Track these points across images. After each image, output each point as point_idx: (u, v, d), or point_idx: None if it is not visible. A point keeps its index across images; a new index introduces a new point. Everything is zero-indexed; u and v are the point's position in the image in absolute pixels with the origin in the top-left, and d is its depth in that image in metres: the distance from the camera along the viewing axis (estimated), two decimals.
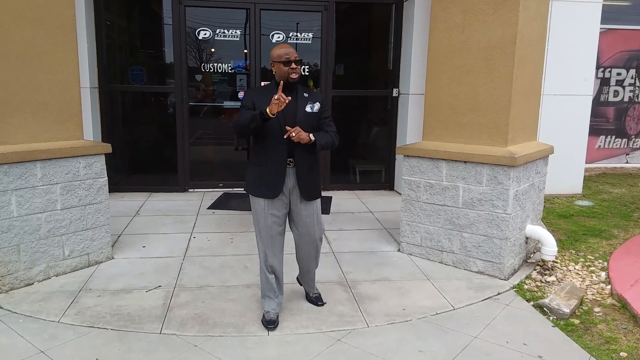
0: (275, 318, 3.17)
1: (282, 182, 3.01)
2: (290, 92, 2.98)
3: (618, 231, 5.14)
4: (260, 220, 3.08)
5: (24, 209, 3.56)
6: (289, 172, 3.02)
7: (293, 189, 3.06)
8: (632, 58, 7.97)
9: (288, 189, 3.05)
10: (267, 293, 3.22)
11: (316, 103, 3.07)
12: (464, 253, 4.06)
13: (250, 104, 2.99)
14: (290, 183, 3.04)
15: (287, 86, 2.98)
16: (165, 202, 5.97)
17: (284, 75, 2.98)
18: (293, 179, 3.04)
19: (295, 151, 3.00)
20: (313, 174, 3.12)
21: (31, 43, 3.53)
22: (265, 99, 2.91)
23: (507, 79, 3.80)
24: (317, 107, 3.07)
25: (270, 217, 3.06)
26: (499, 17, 3.79)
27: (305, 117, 3.01)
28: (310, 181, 3.09)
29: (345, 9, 6.60)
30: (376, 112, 7.05)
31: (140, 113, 6.71)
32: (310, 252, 3.26)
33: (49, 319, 3.17)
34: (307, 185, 3.08)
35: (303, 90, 3.11)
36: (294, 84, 3.03)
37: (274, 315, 3.18)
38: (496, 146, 3.89)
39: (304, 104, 3.04)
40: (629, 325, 3.26)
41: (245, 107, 3.00)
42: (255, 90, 3.13)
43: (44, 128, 3.67)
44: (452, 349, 2.95)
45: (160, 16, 6.38)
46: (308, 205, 3.12)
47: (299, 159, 3.02)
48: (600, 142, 8.14)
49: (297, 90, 3.06)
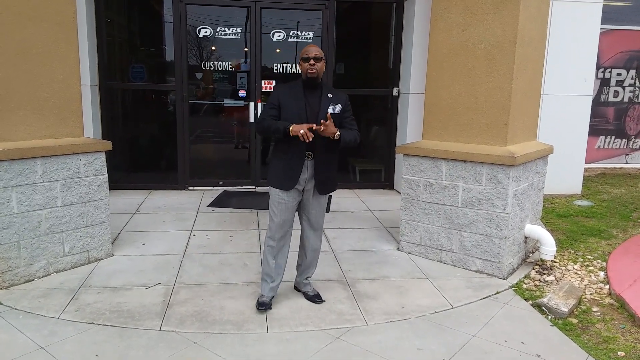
0: (267, 301, 3.33)
1: (299, 174, 3.16)
2: (315, 91, 3.18)
3: (617, 231, 5.16)
4: (275, 208, 3.24)
5: (25, 205, 3.57)
6: (307, 164, 3.17)
7: (309, 180, 3.21)
8: (632, 58, 7.97)
9: (304, 179, 3.19)
10: (264, 277, 3.38)
11: (338, 105, 3.21)
12: (463, 252, 4.07)
13: (277, 102, 3.15)
14: (306, 175, 3.19)
15: (314, 85, 3.17)
16: (165, 199, 5.98)
17: (304, 71, 3.14)
18: (310, 172, 3.19)
19: (315, 146, 3.13)
20: (330, 170, 3.27)
21: (32, 40, 3.54)
22: (290, 99, 3.14)
23: (507, 79, 3.81)
24: (338, 109, 3.20)
25: (284, 205, 3.22)
26: (499, 17, 3.79)
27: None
28: (327, 176, 3.24)
29: (345, 8, 6.60)
30: (376, 111, 7.06)
31: (140, 111, 6.71)
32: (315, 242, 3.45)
33: (49, 315, 3.18)
34: (323, 180, 3.23)
35: (328, 90, 3.25)
36: (319, 83, 3.19)
37: (267, 298, 3.35)
38: (496, 146, 3.90)
39: (327, 105, 3.17)
40: (627, 325, 3.27)
41: (270, 105, 3.17)
42: (282, 88, 3.28)
43: (44, 125, 3.68)
44: (451, 347, 2.96)
45: (160, 14, 6.38)
46: (318, 199, 3.30)
47: (319, 154, 3.17)
48: (599, 142, 8.15)
49: (322, 90, 3.21)
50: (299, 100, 3.14)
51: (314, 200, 3.28)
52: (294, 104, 3.13)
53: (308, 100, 3.15)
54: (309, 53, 3.11)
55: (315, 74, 3.11)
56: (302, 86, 3.18)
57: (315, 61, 3.10)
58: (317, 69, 3.11)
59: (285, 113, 3.12)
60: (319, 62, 3.12)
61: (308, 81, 3.15)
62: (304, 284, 3.56)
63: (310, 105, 3.12)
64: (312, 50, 3.13)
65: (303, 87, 3.18)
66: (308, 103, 3.14)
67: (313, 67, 3.10)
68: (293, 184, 3.17)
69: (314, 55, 3.10)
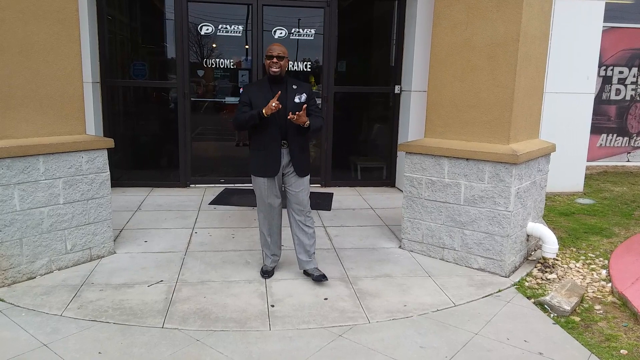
0: (270, 270, 3.81)
1: (279, 161, 3.51)
2: (280, 85, 3.49)
3: (619, 229, 5.15)
4: (262, 195, 3.61)
5: (27, 203, 3.57)
6: (283, 152, 3.52)
7: (287, 166, 3.56)
8: (634, 56, 7.95)
9: (282, 166, 3.54)
10: (263, 248, 3.83)
11: (303, 94, 3.53)
12: (465, 250, 4.06)
13: (247, 100, 3.48)
14: (284, 161, 3.54)
15: (278, 79, 3.48)
16: (166, 197, 5.98)
17: (267, 67, 3.46)
18: (287, 158, 3.54)
19: (288, 134, 3.48)
20: (304, 153, 3.62)
21: (34, 38, 3.53)
22: (259, 94, 3.46)
23: (510, 77, 3.80)
24: (304, 97, 3.53)
25: (268, 191, 3.58)
26: (502, 15, 3.78)
27: (294, 107, 3.44)
28: (302, 159, 3.59)
29: (347, 5, 6.59)
30: (378, 109, 7.05)
31: (142, 108, 6.71)
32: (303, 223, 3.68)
33: (51, 312, 3.18)
34: (300, 163, 3.57)
35: (292, 82, 3.58)
36: (283, 77, 3.50)
37: (269, 267, 3.82)
38: (498, 144, 3.89)
39: (293, 95, 3.50)
40: (629, 323, 3.27)
41: (242, 104, 3.49)
42: (250, 87, 3.68)
43: (46, 122, 3.68)
44: (453, 345, 2.96)
45: (162, 11, 6.37)
46: (299, 180, 3.60)
47: (292, 141, 3.51)
48: (601, 140, 8.14)
49: (286, 83, 3.53)
50: (267, 94, 3.43)
51: (294, 181, 3.59)
52: (262, 98, 3.42)
53: (274, 93, 3.40)
54: (273, 52, 3.42)
55: (279, 72, 3.44)
56: (268, 81, 3.51)
57: (278, 59, 3.41)
58: (281, 66, 3.43)
59: (257, 107, 3.41)
60: (282, 60, 3.43)
61: (272, 77, 3.47)
62: (307, 262, 3.73)
63: (279, 97, 3.40)
64: (276, 49, 3.43)
65: (269, 82, 3.50)
66: (275, 95, 3.39)
67: (277, 65, 3.41)
68: (275, 171, 3.52)
69: (277, 54, 3.41)
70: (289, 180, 3.60)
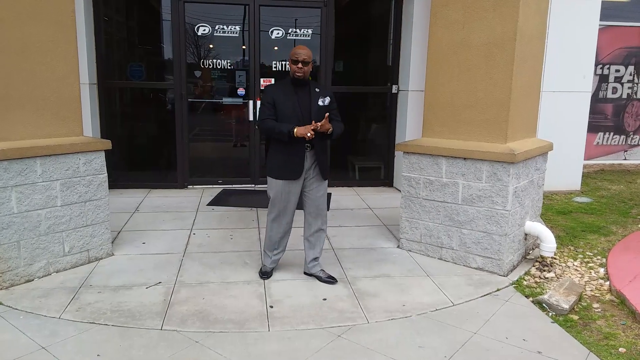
0: (269, 270, 3.79)
1: (302, 164, 3.49)
2: (303, 88, 3.50)
3: (616, 228, 5.16)
4: (278, 198, 3.56)
5: (24, 205, 3.56)
6: (307, 155, 3.51)
7: (309, 169, 3.55)
8: (630, 55, 7.98)
9: (305, 169, 3.52)
10: (266, 250, 3.77)
11: (326, 97, 3.55)
12: (464, 249, 4.07)
13: (271, 100, 3.45)
14: (307, 164, 3.52)
15: (301, 83, 3.48)
16: (164, 198, 5.97)
17: (292, 72, 3.45)
18: (311, 160, 3.54)
19: (313, 139, 3.42)
20: (326, 156, 3.66)
21: (31, 39, 3.52)
22: (283, 97, 3.44)
23: (507, 76, 3.81)
24: (327, 101, 3.55)
25: (287, 194, 3.54)
26: (499, 14, 3.79)
27: (318, 110, 3.48)
28: (325, 162, 3.62)
29: (344, 5, 6.59)
30: (375, 109, 7.05)
31: (139, 109, 6.70)
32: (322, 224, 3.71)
33: (49, 315, 3.17)
34: (324, 165, 3.59)
35: (315, 85, 3.58)
36: (306, 81, 3.50)
37: (268, 268, 3.79)
38: (496, 143, 3.90)
39: (317, 98, 3.51)
40: (627, 321, 3.28)
41: (266, 105, 3.46)
42: (273, 87, 3.58)
43: (43, 124, 3.67)
44: (452, 344, 2.96)
45: (159, 12, 6.36)
46: (321, 185, 3.61)
47: (316, 143, 3.50)
48: (598, 138, 8.16)
49: (309, 86, 3.53)
50: (291, 96, 3.45)
51: (316, 185, 3.58)
52: (287, 100, 3.44)
53: (298, 96, 3.46)
54: (299, 57, 3.39)
55: (302, 76, 3.44)
56: (291, 84, 3.49)
57: (303, 65, 3.40)
58: (305, 72, 3.43)
59: (280, 109, 3.43)
60: (307, 66, 3.42)
61: (295, 81, 3.46)
62: (313, 265, 3.75)
63: (301, 100, 3.46)
64: (302, 54, 3.40)
65: (293, 85, 3.49)
66: (299, 98, 3.46)
67: (301, 70, 3.41)
68: (299, 174, 3.49)
69: (303, 59, 3.39)
70: (310, 184, 3.58)
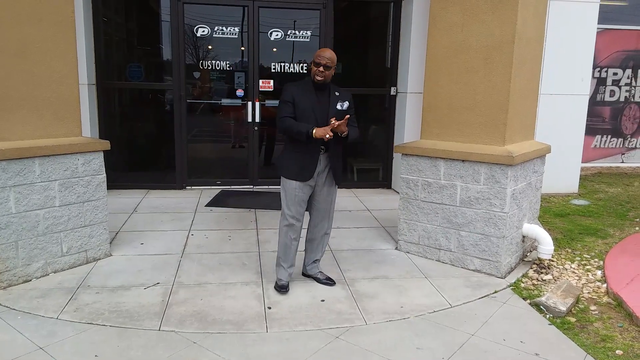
0: (286, 284, 3.60)
1: (315, 166, 3.42)
2: (323, 91, 3.45)
3: (614, 230, 5.18)
4: (290, 197, 3.47)
5: (22, 205, 3.56)
6: (321, 157, 3.44)
7: (322, 172, 3.48)
8: (628, 58, 8.00)
9: (317, 172, 3.45)
10: (281, 262, 3.60)
11: (345, 102, 3.50)
12: (462, 251, 4.08)
13: (291, 99, 3.40)
14: (320, 167, 3.45)
15: (321, 85, 3.42)
16: (162, 199, 5.97)
17: (313, 74, 3.40)
18: (324, 163, 3.47)
19: (329, 141, 3.36)
20: (340, 161, 3.58)
21: (30, 39, 3.52)
22: (304, 98, 3.39)
23: (505, 78, 3.82)
24: (346, 105, 3.49)
25: (299, 196, 3.46)
26: (497, 17, 3.80)
27: (336, 113, 3.40)
28: (338, 166, 3.54)
29: (343, 7, 6.60)
30: (374, 111, 7.06)
31: (138, 110, 6.69)
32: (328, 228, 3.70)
33: (47, 315, 3.17)
34: (337, 169, 3.53)
35: (334, 89, 3.52)
36: (327, 84, 3.44)
37: (285, 282, 3.61)
38: (494, 145, 3.91)
39: (335, 102, 3.46)
40: (624, 324, 3.29)
41: (285, 102, 3.41)
42: (294, 86, 3.48)
43: (42, 124, 3.66)
44: (450, 346, 2.96)
45: (158, 13, 6.37)
46: (331, 190, 3.57)
47: (331, 147, 3.44)
48: (596, 141, 8.18)
49: (329, 89, 3.48)
50: (311, 97, 3.40)
51: (327, 190, 3.54)
52: (306, 100, 3.39)
53: (318, 98, 3.42)
54: (321, 60, 3.34)
55: (323, 80, 3.38)
56: (312, 86, 3.43)
57: (325, 69, 3.35)
58: (326, 76, 3.37)
59: (299, 109, 3.38)
60: (328, 70, 3.36)
61: (316, 84, 3.41)
62: (312, 267, 3.74)
63: (321, 102, 3.41)
64: (325, 57, 3.34)
65: (314, 87, 3.43)
66: (318, 100, 3.41)
67: (322, 74, 3.35)
68: (310, 175, 3.41)
69: (325, 63, 3.34)
70: (320, 190, 3.51)
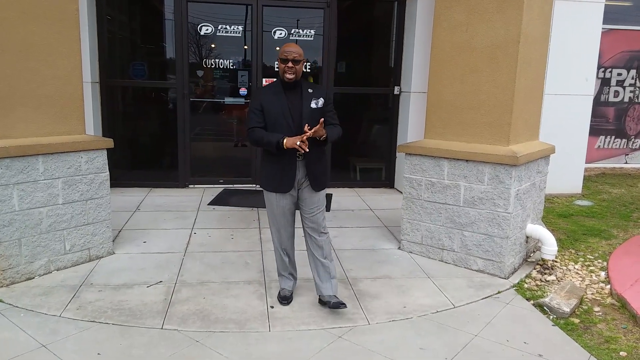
0: (289, 295, 3.44)
1: (293, 176, 3.14)
2: (294, 89, 3.13)
3: (617, 231, 5.16)
4: (274, 210, 3.26)
5: (26, 203, 3.56)
6: (299, 164, 3.14)
7: (302, 180, 3.19)
8: (632, 58, 7.97)
9: (297, 180, 3.17)
10: (282, 272, 3.49)
11: (320, 98, 3.16)
12: (465, 251, 4.07)
13: (259, 106, 3.09)
14: (300, 175, 3.17)
15: (292, 85, 3.11)
16: (165, 197, 5.97)
17: (281, 72, 3.08)
18: (303, 171, 3.16)
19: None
20: (321, 165, 3.24)
21: (34, 37, 3.52)
22: (273, 102, 3.08)
23: (510, 78, 3.81)
24: (321, 102, 3.16)
25: (282, 208, 3.23)
26: (503, 16, 3.79)
27: (311, 113, 3.10)
28: (318, 172, 3.21)
29: (347, 6, 6.59)
30: (377, 110, 7.05)
31: (141, 108, 6.70)
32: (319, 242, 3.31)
33: (50, 313, 3.17)
34: (316, 176, 3.20)
35: (307, 86, 3.19)
36: (298, 81, 3.12)
37: (288, 292, 3.45)
38: (498, 145, 3.90)
39: (309, 100, 3.13)
40: (628, 325, 3.28)
41: (254, 111, 3.11)
42: (261, 91, 3.24)
43: (46, 122, 3.67)
44: (453, 347, 2.96)
45: (162, 11, 6.36)
46: (314, 197, 3.23)
47: (308, 153, 3.03)
48: (600, 142, 8.15)
49: (301, 87, 3.15)
50: (281, 101, 3.09)
51: (309, 197, 3.21)
52: (276, 104, 3.08)
53: (289, 99, 3.10)
54: (288, 55, 3.01)
55: (294, 78, 3.06)
56: (281, 86, 3.13)
57: (294, 64, 3.02)
58: (296, 71, 3.05)
59: (269, 115, 3.08)
60: (298, 65, 3.04)
61: (286, 83, 3.10)
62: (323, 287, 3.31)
63: (292, 103, 3.09)
64: (292, 51, 3.01)
65: (283, 87, 3.12)
66: (290, 101, 3.09)
67: (292, 70, 3.03)
68: (290, 185, 3.14)
69: (293, 57, 3.01)
70: (303, 195, 3.21)
